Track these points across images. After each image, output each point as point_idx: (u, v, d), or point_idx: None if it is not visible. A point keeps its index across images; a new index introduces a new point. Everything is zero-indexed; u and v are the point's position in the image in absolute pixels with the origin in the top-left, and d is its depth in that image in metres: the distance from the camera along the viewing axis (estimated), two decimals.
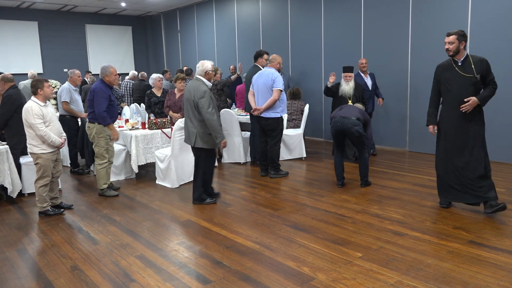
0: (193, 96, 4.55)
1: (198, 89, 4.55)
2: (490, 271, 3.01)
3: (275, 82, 5.63)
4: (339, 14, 8.29)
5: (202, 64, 4.80)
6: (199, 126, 4.59)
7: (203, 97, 4.50)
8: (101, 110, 4.96)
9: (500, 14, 6.12)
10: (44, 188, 4.49)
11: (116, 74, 5.14)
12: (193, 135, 4.62)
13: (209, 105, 4.49)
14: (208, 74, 4.76)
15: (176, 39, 13.42)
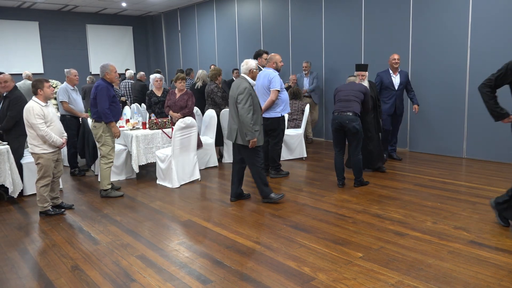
0: (235, 93, 4.60)
1: (240, 85, 4.59)
2: (491, 271, 3.01)
3: (271, 82, 5.62)
4: (340, 14, 8.29)
5: (246, 63, 4.76)
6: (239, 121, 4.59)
7: (242, 93, 4.52)
8: (104, 107, 4.97)
9: (501, 13, 6.11)
10: (45, 188, 4.50)
11: (116, 72, 5.16)
12: (234, 131, 4.63)
13: (247, 101, 4.50)
14: (252, 72, 4.73)
15: (177, 39, 13.43)
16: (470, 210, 4.31)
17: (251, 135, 4.52)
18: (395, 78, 6.34)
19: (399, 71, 6.40)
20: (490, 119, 6.32)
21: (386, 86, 6.33)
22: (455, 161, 6.59)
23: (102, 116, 5.01)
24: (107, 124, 5.07)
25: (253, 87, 4.68)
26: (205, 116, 6.84)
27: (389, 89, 6.33)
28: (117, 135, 5.17)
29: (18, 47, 12.17)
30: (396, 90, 6.32)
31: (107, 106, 4.98)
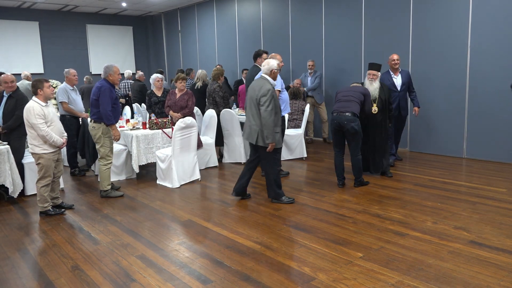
0: (256, 94, 4.53)
1: (262, 86, 4.53)
2: (491, 271, 3.01)
3: None
4: (340, 14, 8.29)
5: (268, 63, 4.69)
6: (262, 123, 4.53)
7: (265, 95, 4.47)
8: (107, 109, 4.96)
9: (501, 13, 6.11)
10: (45, 188, 4.50)
11: (119, 74, 5.16)
12: (255, 132, 4.57)
13: (270, 103, 4.45)
14: (273, 72, 4.67)
15: (177, 39, 13.43)
16: (470, 210, 4.31)
17: (272, 138, 4.48)
18: (397, 79, 6.10)
19: (400, 71, 6.18)
20: (490, 119, 6.35)
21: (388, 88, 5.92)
22: (455, 161, 6.59)
23: (104, 118, 5.00)
24: (109, 126, 5.06)
25: (274, 88, 4.64)
26: (205, 116, 6.84)
27: (392, 91, 5.99)
28: (117, 138, 5.16)
29: (18, 47, 12.17)
30: (399, 91, 6.06)
31: (110, 108, 4.98)
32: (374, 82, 5.40)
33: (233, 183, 5.71)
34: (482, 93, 6.42)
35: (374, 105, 5.36)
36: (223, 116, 6.68)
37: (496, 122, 6.31)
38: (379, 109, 5.38)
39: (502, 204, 4.46)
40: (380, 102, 5.39)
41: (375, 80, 5.42)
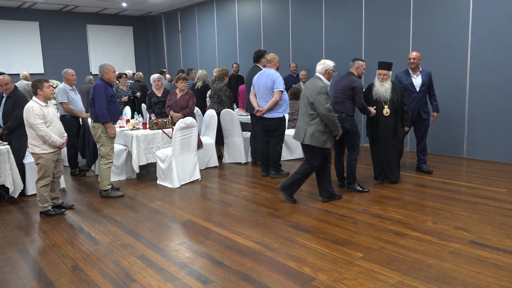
0: (309, 92, 4.48)
1: (315, 85, 4.47)
2: (491, 271, 3.01)
3: (275, 83, 5.63)
4: (340, 14, 8.29)
5: (324, 63, 4.63)
6: (310, 123, 4.47)
7: (320, 93, 4.40)
8: (101, 107, 4.96)
9: (502, 12, 6.11)
10: (45, 188, 4.50)
11: (114, 71, 5.15)
12: (303, 131, 4.52)
13: (326, 101, 4.38)
14: (328, 73, 4.60)
15: (177, 39, 13.43)
16: (471, 210, 4.31)
17: (337, 130, 4.50)
18: (416, 78, 5.61)
19: (420, 70, 5.66)
20: (490, 119, 6.35)
21: (406, 88, 5.55)
22: (456, 161, 6.58)
23: (99, 115, 5.00)
24: (104, 124, 5.06)
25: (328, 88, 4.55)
26: (206, 116, 6.84)
27: (409, 91, 5.57)
28: (112, 136, 5.14)
29: (19, 47, 12.17)
30: (417, 92, 5.58)
31: (105, 106, 4.97)
32: (385, 83, 5.08)
33: (233, 183, 5.71)
34: (482, 93, 6.42)
35: (385, 107, 5.08)
36: (223, 116, 6.68)
37: (496, 122, 6.31)
38: (391, 111, 5.08)
39: (502, 204, 4.46)
40: (392, 103, 5.08)
41: (386, 80, 5.09)
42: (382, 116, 5.12)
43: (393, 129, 5.15)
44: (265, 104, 5.69)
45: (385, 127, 5.13)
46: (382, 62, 5.17)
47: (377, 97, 5.09)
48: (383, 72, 5.10)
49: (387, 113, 5.10)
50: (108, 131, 5.09)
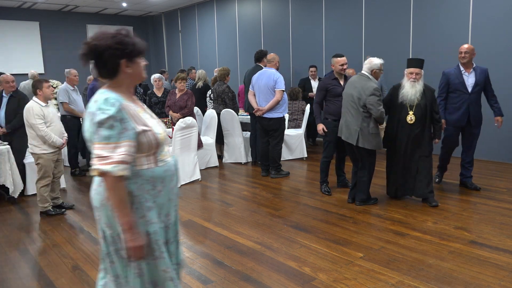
0: (359, 92, 4.24)
1: (366, 85, 4.23)
2: (491, 271, 3.01)
3: (277, 83, 5.64)
4: (340, 14, 8.29)
5: (370, 62, 4.36)
6: (362, 124, 4.29)
7: (373, 94, 4.19)
8: None
9: (502, 12, 6.11)
10: (45, 188, 4.50)
11: None
12: (356, 133, 4.32)
13: (379, 103, 4.21)
14: (375, 73, 4.36)
15: (177, 39, 13.43)
16: (471, 210, 4.30)
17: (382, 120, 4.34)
18: (468, 77, 4.70)
19: (473, 67, 4.73)
20: (490, 119, 6.34)
21: (455, 88, 4.70)
22: (456, 161, 6.58)
23: None
24: None
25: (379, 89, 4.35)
26: (206, 116, 6.84)
27: (459, 92, 4.68)
28: None
29: (19, 48, 12.17)
30: (469, 93, 4.67)
31: None
32: (418, 84, 4.28)
33: (233, 183, 5.71)
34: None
35: (410, 113, 4.32)
36: (223, 116, 6.68)
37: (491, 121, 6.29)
38: (417, 118, 4.30)
39: (503, 204, 4.45)
40: (419, 109, 4.29)
41: (419, 80, 4.30)
42: (405, 124, 4.36)
43: (417, 140, 4.37)
44: (266, 104, 5.70)
45: (408, 136, 4.37)
46: (412, 59, 4.39)
47: (403, 100, 4.32)
48: (416, 71, 4.25)
49: (411, 120, 4.32)
50: None
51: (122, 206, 1.72)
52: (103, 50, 1.75)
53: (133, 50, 1.82)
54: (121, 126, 1.71)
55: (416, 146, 4.39)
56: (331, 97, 4.89)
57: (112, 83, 1.83)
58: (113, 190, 1.70)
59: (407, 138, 4.38)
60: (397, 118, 4.41)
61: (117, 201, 1.71)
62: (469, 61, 4.69)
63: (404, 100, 4.31)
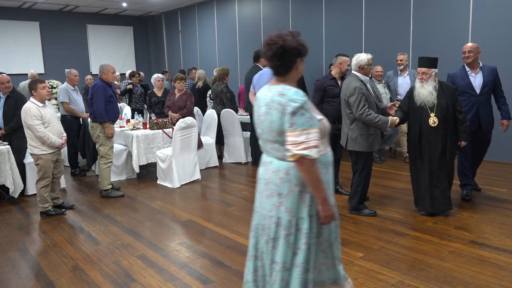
0: (344, 93, 4.11)
1: (350, 85, 4.03)
2: (491, 271, 3.01)
3: None
4: (340, 14, 8.29)
5: (357, 58, 4.11)
6: (350, 126, 4.10)
7: (352, 95, 3.97)
8: (99, 107, 4.98)
9: (502, 11, 6.11)
10: (45, 188, 4.50)
11: (113, 72, 5.15)
12: (345, 135, 4.18)
13: (360, 103, 3.92)
14: (363, 68, 4.09)
15: (177, 39, 13.43)
16: (471, 210, 4.30)
17: (384, 127, 4.03)
18: (475, 77, 4.38)
19: (480, 66, 4.41)
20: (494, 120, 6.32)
21: (463, 91, 4.39)
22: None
23: (97, 115, 5.01)
24: (101, 124, 5.06)
25: (366, 84, 4.09)
26: (206, 116, 6.85)
27: (467, 94, 4.39)
28: (110, 135, 5.13)
29: (19, 48, 12.17)
30: (478, 94, 4.37)
31: (103, 106, 4.98)
32: (426, 84, 3.98)
33: (234, 183, 5.71)
34: None
35: (431, 115, 3.97)
36: (223, 116, 6.68)
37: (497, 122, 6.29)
38: (440, 120, 3.96)
39: (503, 204, 4.45)
40: (440, 110, 3.95)
41: (427, 80, 3.98)
42: (427, 127, 4.00)
43: (442, 144, 4.00)
44: None
45: (431, 141, 4.01)
46: (422, 58, 4.04)
47: (421, 102, 3.99)
48: (421, 70, 3.99)
49: (434, 123, 3.96)
50: (106, 131, 5.08)
51: (318, 184, 1.96)
52: (289, 50, 2.00)
53: (306, 51, 2.11)
54: (309, 114, 1.92)
55: (441, 151, 4.01)
56: (328, 98, 4.74)
57: (284, 78, 2.05)
58: (311, 172, 1.93)
59: (430, 143, 4.01)
60: (418, 121, 4.05)
61: (314, 180, 1.95)
62: (474, 60, 4.39)
63: (422, 101, 3.98)
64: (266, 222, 2.10)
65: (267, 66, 2.14)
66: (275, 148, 2.03)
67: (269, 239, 2.07)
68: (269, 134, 2.01)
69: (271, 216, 2.07)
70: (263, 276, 2.14)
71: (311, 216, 2.04)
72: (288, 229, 2.02)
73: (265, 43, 2.03)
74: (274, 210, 2.06)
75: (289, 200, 2.02)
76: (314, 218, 2.05)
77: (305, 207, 2.03)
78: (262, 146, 2.17)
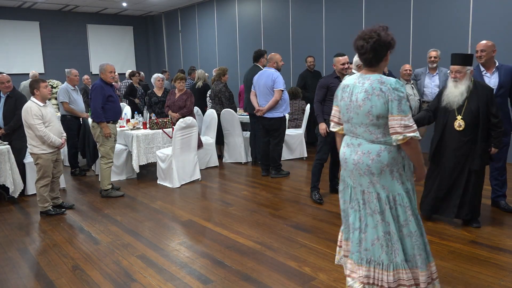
0: None
1: None
2: (491, 271, 3.00)
3: (275, 82, 5.63)
4: (340, 13, 8.29)
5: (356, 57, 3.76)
6: None
7: None
8: (96, 106, 4.98)
9: (502, 11, 6.11)
10: (45, 188, 4.50)
11: (111, 72, 5.09)
12: None
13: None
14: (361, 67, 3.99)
15: (177, 39, 13.43)
16: None
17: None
18: (490, 78, 4.10)
19: (496, 66, 4.11)
20: None
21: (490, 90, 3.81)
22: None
23: (93, 115, 5.02)
24: (98, 123, 5.06)
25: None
26: (206, 116, 6.84)
27: None
28: (107, 135, 5.11)
29: (19, 47, 12.17)
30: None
31: (99, 105, 4.97)
32: (460, 83, 3.59)
33: (234, 183, 5.71)
34: None
35: (458, 118, 3.62)
36: (223, 116, 6.68)
37: None
38: (467, 124, 3.59)
39: None
40: (469, 113, 3.56)
41: (462, 79, 3.57)
42: (452, 131, 3.67)
43: (468, 150, 3.64)
44: (266, 104, 5.69)
45: (455, 146, 3.66)
46: (455, 55, 3.61)
47: (447, 103, 3.65)
48: (455, 69, 3.56)
49: (460, 126, 3.61)
50: (103, 130, 5.08)
51: (420, 157, 2.31)
52: (383, 43, 2.26)
53: (395, 44, 2.31)
54: (408, 102, 2.23)
55: (465, 158, 3.65)
56: (331, 96, 4.66)
57: (374, 69, 2.32)
58: (417, 149, 2.25)
59: (455, 148, 3.66)
60: (442, 123, 3.73)
61: (418, 155, 2.28)
62: (489, 60, 4.08)
63: (448, 102, 3.63)
64: (366, 197, 2.34)
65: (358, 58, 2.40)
66: (369, 131, 2.28)
67: (374, 213, 2.32)
68: (366, 118, 2.25)
69: (370, 192, 2.33)
70: (366, 248, 2.35)
71: (407, 191, 2.32)
72: (389, 203, 2.29)
73: (359, 37, 2.36)
74: (372, 187, 2.32)
75: (382, 178, 2.28)
76: (411, 192, 2.33)
77: (399, 185, 2.30)
78: (348, 129, 2.42)
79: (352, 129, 2.37)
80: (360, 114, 2.27)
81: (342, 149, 2.47)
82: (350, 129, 2.39)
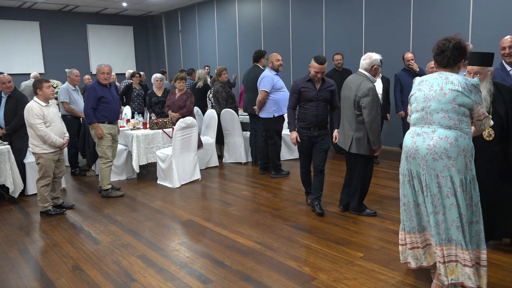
0: (354, 93, 3.90)
1: (361, 85, 3.85)
2: (491, 271, 3.00)
3: (260, 83, 5.68)
4: (341, 14, 8.29)
5: (370, 57, 3.94)
6: (357, 128, 3.96)
7: (367, 95, 3.81)
8: (86, 107, 5.01)
9: (502, 11, 6.11)
10: (45, 188, 4.50)
11: (103, 73, 5.04)
12: (349, 138, 4.02)
13: (373, 106, 3.81)
14: (375, 69, 3.96)
15: (178, 39, 13.43)
16: None
17: (378, 144, 3.93)
18: None
19: None
20: None
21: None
22: None
23: (84, 115, 5.07)
24: (89, 124, 5.06)
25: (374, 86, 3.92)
26: (206, 116, 6.85)
27: None
28: (99, 136, 5.08)
29: (19, 47, 12.17)
30: None
31: (90, 106, 4.98)
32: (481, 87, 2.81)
33: (234, 183, 5.71)
34: None
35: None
36: (223, 116, 6.68)
37: None
38: (496, 132, 3.10)
39: None
40: (498, 119, 3.05)
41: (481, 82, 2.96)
42: (481, 141, 3.09)
43: (499, 161, 3.14)
44: None
45: (485, 158, 3.08)
46: (474, 54, 3.06)
47: None
48: (474, 70, 3.01)
49: (489, 136, 3.12)
50: (95, 131, 5.07)
51: None
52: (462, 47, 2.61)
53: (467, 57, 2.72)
54: None
55: (499, 170, 3.14)
56: (303, 101, 4.32)
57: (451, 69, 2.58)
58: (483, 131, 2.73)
59: (483, 160, 3.04)
60: None
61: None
62: None
63: None
64: (440, 181, 2.48)
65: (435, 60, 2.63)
66: (448, 116, 2.47)
67: (447, 196, 2.46)
68: (449, 104, 2.46)
69: (444, 176, 2.46)
70: (446, 229, 2.49)
71: (474, 178, 2.50)
72: (463, 186, 2.45)
73: (443, 39, 2.65)
74: (446, 170, 2.45)
75: (459, 162, 2.44)
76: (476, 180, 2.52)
77: (469, 171, 2.48)
78: (420, 118, 2.57)
79: (426, 117, 2.55)
80: (442, 101, 2.48)
81: (410, 139, 2.60)
82: (423, 117, 2.56)
